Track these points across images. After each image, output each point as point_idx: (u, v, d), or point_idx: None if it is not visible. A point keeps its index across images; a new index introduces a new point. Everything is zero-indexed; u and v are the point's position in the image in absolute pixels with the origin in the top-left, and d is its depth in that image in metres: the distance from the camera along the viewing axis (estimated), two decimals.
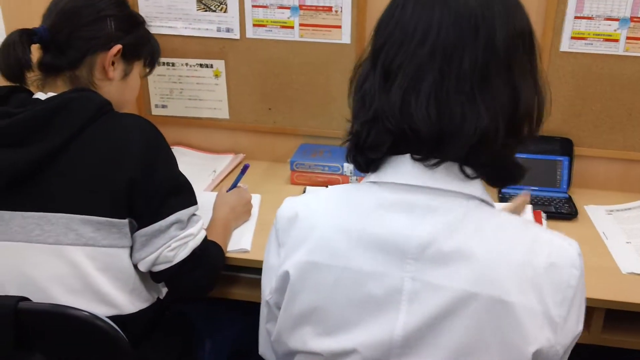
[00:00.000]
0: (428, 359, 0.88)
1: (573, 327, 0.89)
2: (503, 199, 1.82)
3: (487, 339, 0.86)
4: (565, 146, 1.92)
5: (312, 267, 0.93)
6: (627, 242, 1.61)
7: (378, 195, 0.92)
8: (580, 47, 1.82)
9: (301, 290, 0.95)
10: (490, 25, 0.86)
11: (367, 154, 0.93)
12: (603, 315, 1.43)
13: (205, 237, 1.36)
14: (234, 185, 1.73)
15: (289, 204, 1.02)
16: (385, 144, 0.90)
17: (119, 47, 1.35)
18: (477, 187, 0.92)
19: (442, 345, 0.87)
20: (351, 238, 0.91)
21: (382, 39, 0.92)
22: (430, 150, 0.89)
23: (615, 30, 1.80)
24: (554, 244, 0.89)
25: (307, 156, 2.00)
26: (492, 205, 0.95)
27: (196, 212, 1.35)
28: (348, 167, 1.93)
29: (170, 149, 1.33)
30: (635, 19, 1.77)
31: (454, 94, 0.86)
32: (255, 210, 1.75)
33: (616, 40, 1.80)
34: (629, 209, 1.81)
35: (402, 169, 0.91)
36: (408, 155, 0.91)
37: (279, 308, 1.00)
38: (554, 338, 0.87)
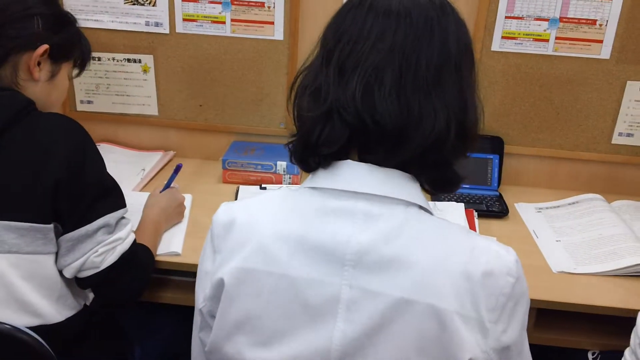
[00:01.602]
0: None
1: (504, 332, 0.88)
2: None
3: (426, 346, 0.85)
4: (495, 144, 1.94)
5: (248, 274, 0.91)
6: (557, 241, 1.65)
7: (318, 202, 0.91)
8: (510, 46, 1.84)
9: (236, 298, 0.92)
10: (444, 30, 0.89)
11: (320, 151, 0.91)
12: (535, 314, 1.45)
13: (135, 240, 1.31)
14: (167, 186, 1.67)
15: (225, 208, 0.98)
16: (342, 138, 0.89)
17: (45, 47, 1.27)
18: (416, 194, 0.92)
19: (382, 356, 0.86)
20: (290, 245, 0.89)
21: (336, 37, 0.91)
22: (386, 148, 0.88)
23: (545, 30, 1.83)
24: (491, 252, 0.89)
25: (239, 154, 1.95)
26: (430, 212, 0.95)
27: (125, 215, 1.29)
28: (281, 166, 1.90)
29: (97, 150, 1.27)
30: (564, 20, 1.81)
31: (413, 91, 0.87)
32: (186, 212, 1.70)
33: (546, 40, 1.83)
34: (558, 206, 1.84)
35: (344, 174, 0.90)
36: (349, 160, 0.90)
37: (212, 317, 0.97)
38: (484, 343, 0.87)
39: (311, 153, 0.93)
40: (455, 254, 0.87)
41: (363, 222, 0.88)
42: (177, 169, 1.70)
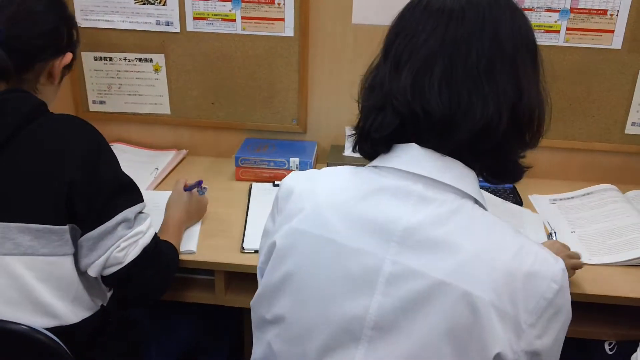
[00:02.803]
0: (399, 345, 0.88)
1: (539, 338, 0.88)
2: None
3: (456, 331, 0.86)
4: None
5: (299, 235, 0.95)
6: (572, 232, 1.64)
7: (377, 179, 0.95)
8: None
9: (285, 256, 0.96)
10: (496, 22, 0.92)
11: (372, 136, 0.96)
12: None
13: (156, 234, 1.31)
14: (195, 186, 1.65)
15: (292, 175, 1.05)
16: (391, 126, 0.93)
17: (71, 55, 1.33)
18: (473, 187, 0.95)
19: (414, 333, 0.87)
20: (342, 214, 0.93)
21: (394, 34, 0.98)
22: (437, 135, 0.92)
23: (555, 22, 1.82)
24: (539, 255, 0.89)
25: (251, 151, 1.96)
26: (485, 209, 0.97)
27: (143, 210, 1.30)
28: (294, 162, 1.91)
29: (110, 149, 1.28)
30: (575, 10, 1.80)
31: (463, 80, 0.90)
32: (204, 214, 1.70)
33: (557, 32, 1.83)
34: (572, 197, 1.84)
35: (407, 156, 0.94)
36: (414, 144, 0.93)
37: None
38: (516, 343, 0.87)
39: (364, 139, 0.99)
40: (502, 250, 0.88)
41: (416, 204, 0.91)
42: (200, 183, 1.67)
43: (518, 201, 1.80)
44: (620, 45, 1.82)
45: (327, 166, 1.54)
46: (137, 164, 1.99)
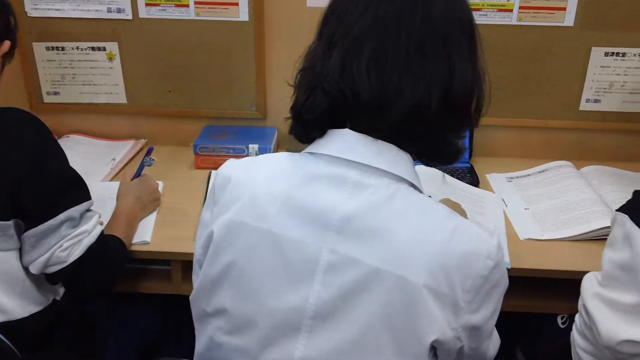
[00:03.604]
0: (338, 334, 0.88)
1: (476, 312, 0.90)
2: None
3: (392, 317, 0.87)
4: None
5: (236, 226, 0.94)
6: (526, 209, 1.66)
7: (313, 166, 0.94)
8: (475, 18, 1.83)
9: (223, 249, 0.95)
10: (428, 1, 0.91)
11: (303, 117, 0.95)
12: None
13: (102, 232, 1.30)
14: (139, 173, 1.66)
15: (228, 163, 1.03)
16: (321, 107, 0.92)
17: (8, 43, 1.27)
18: (408, 170, 0.95)
19: (353, 321, 0.88)
20: (279, 204, 0.92)
21: (329, 12, 0.97)
22: (368, 117, 0.91)
23: (508, 1, 1.82)
24: (473, 234, 0.90)
25: (210, 139, 1.95)
26: (421, 191, 0.97)
27: (91, 208, 1.29)
28: (253, 149, 1.90)
29: (58, 144, 1.26)
30: None
31: (392, 62, 0.89)
32: (160, 200, 1.69)
33: (510, 10, 1.83)
34: (528, 175, 1.86)
35: (340, 142, 0.93)
36: (347, 129, 0.93)
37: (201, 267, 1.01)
38: (455, 321, 0.88)
39: (297, 120, 0.98)
40: (437, 233, 0.89)
41: (351, 191, 0.91)
42: (149, 151, 1.69)
43: (475, 180, 1.81)
44: (573, 23, 1.83)
45: (287, 151, 1.53)
46: (94, 155, 1.97)
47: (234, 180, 0.98)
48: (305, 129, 0.97)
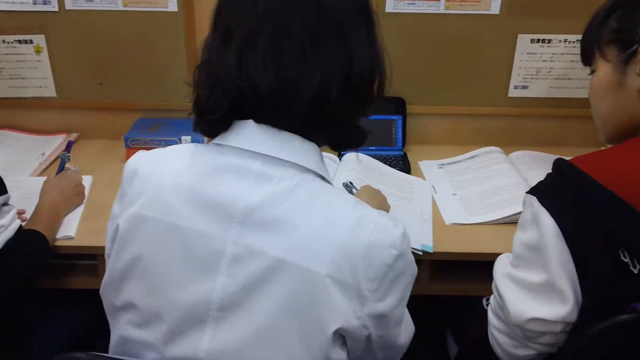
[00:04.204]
0: (243, 325, 0.88)
1: (381, 300, 0.91)
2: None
3: (297, 307, 0.87)
4: (398, 105, 1.97)
5: (141, 220, 0.93)
6: (454, 194, 1.69)
7: (218, 158, 0.93)
8: (404, 7, 1.85)
9: (128, 243, 0.94)
10: None
11: (207, 118, 0.93)
12: (429, 266, 1.49)
13: (21, 226, 1.28)
14: (62, 168, 1.64)
15: (135, 156, 1.01)
16: (223, 106, 0.91)
17: None
18: (314, 161, 0.94)
19: (257, 311, 0.87)
20: (184, 196, 0.91)
21: (220, 4, 0.94)
22: (269, 112, 0.90)
23: None
24: (377, 224, 0.90)
25: (143, 131, 1.93)
26: (328, 181, 0.97)
27: (8, 202, 1.26)
28: (185, 140, 1.89)
29: None
30: None
31: (288, 53, 0.88)
32: (85, 193, 1.67)
33: (437, 0, 1.85)
34: (458, 161, 1.89)
35: (244, 134, 0.92)
36: (251, 121, 0.92)
37: None
38: (360, 310, 0.89)
39: (202, 119, 0.96)
40: (340, 223, 0.89)
41: (255, 182, 0.90)
42: (69, 145, 1.66)
43: (407, 168, 1.84)
44: (499, 10, 1.86)
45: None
46: (23, 150, 1.93)
47: (140, 173, 0.97)
48: (211, 126, 0.95)
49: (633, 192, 0.97)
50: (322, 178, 0.96)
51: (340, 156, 1.85)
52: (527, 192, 1.11)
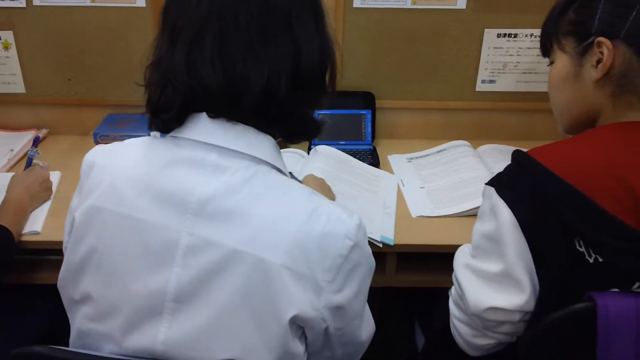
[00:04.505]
0: (199, 315, 0.89)
1: (338, 292, 0.92)
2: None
3: (252, 297, 0.88)
4: (367, 100, 1.98)
5: (97, 212, 0.94)
6: (421, 187, 1.71)
7: (174, 150, 0.94)
8: (371, 2, 1.86)
9: (84, 235, 0.95)
10: None
11: (161, 117, 0.94)
12: (395, 258, 1.51)
13: None
14: (29, 163, 1.64)
15: (93, 150, 1.03)
16: (176, 105, 0.91)
17: None
18: (269, 152, 0.95)
19: (213, 302, 0.88)
20: (139, 188, 0.92)
21: (167, 2, 0.95)
22: (222, 107, 0.91)
23: None
24: (332, 214, 0.91)
25: (112, 127, 1.93)
26: (284, 173, 0.98)
27: None
28: (155, 136, 1.88)
29: None
30: None
31: (235, 49, 0.89)
32: (53, 189, 1.66)
33: None
34: (427, 155, 1.91)
35: (199, 127, 0.93)
36: (204, 114, 0.92)
37: None
38: (317, 301, 0.90)
39: (156, 118, 0.97)
40: (295, 214, 0.90)
41: (210, 174, 0.91)
42: (35, 141, 1.66)
43: (376, 162, 1.85)
44: (465, 5, 1.87)
45: None
46: None
47: (96, 166, 0.98)
48: (165, 123, 0.96)
49: (589, 184, 0.99)
50: (279, 170, 0.97)
51: (309, 150, 1.86)
52: (486, 184, 1.13)
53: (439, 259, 1.53)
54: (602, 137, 1.06)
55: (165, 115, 0.94)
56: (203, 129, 0.92)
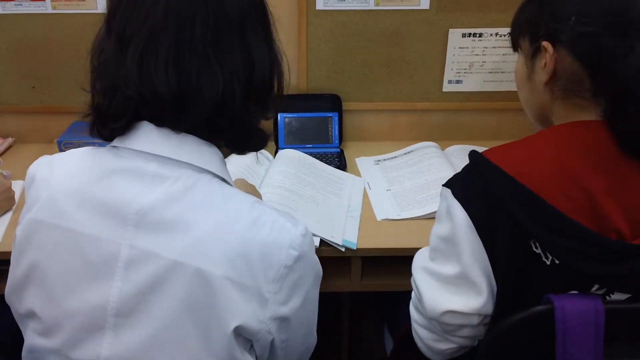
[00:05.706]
0: (142, 329, 0.87)
1: (284, 304, 0.91)
2: None
3: (194, 309, 0.87)
4: (334, 102, 1.97)
5: (36, 226, 0.92)
6: (388, 190, 1.70)
7: (114, 161, 0.92)
8: (334, 4, 1.86)
9: (25, 250, 0.93)
10: None
11: (110, 125, 0.92)
12: (360, 263, 1.50)
13: None
14: None
15: (36, 162, 1.00)
16: (127, 112, 0.90)
17: None
18: (211, 161, 0.94)
19: (155, 315, 0.87)
20: (77, 200, 0.90)
21: (114, 4, 0.92)
22: (171, 115, 0.89)
23: None
24: (276, 224, 0.90)
25: (77, 134, 1.91)
26: (227, 182, 0.96)
27: None
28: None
29: None
30: None
31: (190, 57, 0.87)
32: (16, 198, 1.64)
33: None
34: (394, 157, 1.90)
35: (142, 136, 0.91)
36: (147, 123, 0.91)
37: None
38: (262, 313, 0.89)
39: (102, 126, 0.94)
40: (237, 222, 0.88)
41: (150, 184, 0.89)
42: None
43: (343, 164, 1.84)
44: (429, 6, 1.87)
45: None
46: None
47: (37, 178, 0.96)
48: (113, 132, 0.94)
49: (542, 184, 0.98)
50: (222, 180, 0.95)
51: (275, 153, 1.85)
52: (443, 185, 1.12)
53: (406, 262, 1.53)
54: (555, 137, 1.05)
55: (115, 124, 0.91)
56: (145, 138, 0.91)
